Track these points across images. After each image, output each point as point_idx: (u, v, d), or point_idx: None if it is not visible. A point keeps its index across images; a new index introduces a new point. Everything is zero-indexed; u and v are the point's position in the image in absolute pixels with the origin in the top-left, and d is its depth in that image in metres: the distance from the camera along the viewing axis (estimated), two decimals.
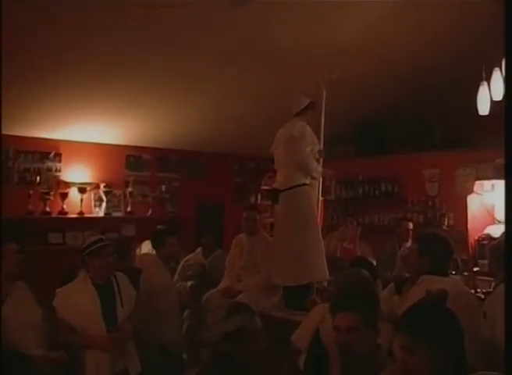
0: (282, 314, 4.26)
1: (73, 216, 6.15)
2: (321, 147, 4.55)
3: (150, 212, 6.84)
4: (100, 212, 6.45)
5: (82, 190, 6.18)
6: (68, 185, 6.19)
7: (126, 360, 3.40)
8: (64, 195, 6.07)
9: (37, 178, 5.98)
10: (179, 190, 7.29)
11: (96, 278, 3.41)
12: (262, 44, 4.98)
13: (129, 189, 6.67)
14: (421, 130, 6.85)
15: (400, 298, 3.22)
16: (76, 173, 6.28)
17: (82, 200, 6.20)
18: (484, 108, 4.61)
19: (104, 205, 6.46)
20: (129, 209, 6.67)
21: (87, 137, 6.26)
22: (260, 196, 7.51)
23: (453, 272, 4.44)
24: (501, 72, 4.27)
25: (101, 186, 6.45)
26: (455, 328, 1.80)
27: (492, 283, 3.38)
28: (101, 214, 6.45)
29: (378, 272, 5.21)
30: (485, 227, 5.91)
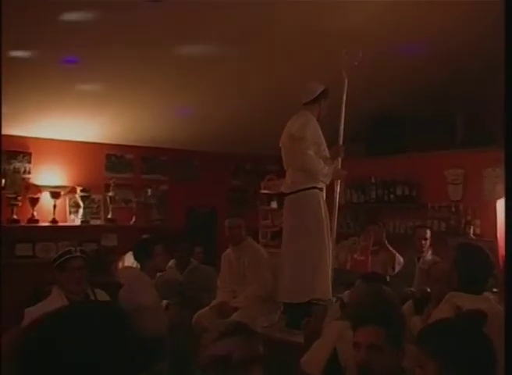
0: (282, 335, 4.28)
1: (45, 224, 6.13)
2: (340, 142, 4.52)
3: (133, 219, 6.88)
4: (76, 219, 6.48)
5: (55, 194, 6.18)
6: (39, 189, 6.16)
7: None
8: (34, 201, 6.03)
9: (3, 181, 5.93)
10: (167, 194, 7.34)
11: (71, 295, 3.41)
12: (264, 28, 4.92)
13: (110, 193, 6.69)
14: (443, 125, 6.79)
15: (421, 319, 3.16)
16: (48, 175, 6.28)
17: (55, 206, 6.17)
18: None
19: (81, 211, 6.47)
20: (109, 216, 6.71)
21: (61, 134, 6.24)
22: (259, 201, 7.45)
23: (495, 289, 4.38)
24: None
25: (78, 190, 6.45)
26: (489, 356, 1.75)
27: None
28: (78, 222, 6.46)
29: (393, 287, 5.24)
30: None
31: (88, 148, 6.59)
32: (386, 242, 5.63)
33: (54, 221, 6.16)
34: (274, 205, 6.78)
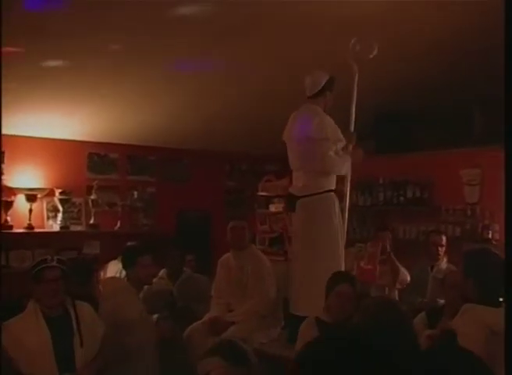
0: (285, 352, 4.23)
1: (20, 230, 6.13)
2: (351, 129, 4.63)
3: (118, 224, 6.90)
4: (54, 225, 6.48)
5: (31, 197, 6.18)
6: (13, 191, 6.17)
7: None
8: (8, 204, 6.02)
9: None
10: (155, 197, 7.37)
11: (47, 309, 3.38)
12: (263, 12, 4.90)
13: (93, 196, 6.71)
14: (459, 120, 6.79)
15: (433, 333, 3.17)
16: (23, 176, 6.29)
17: (31, 210, 6.17)
18: None
19: (60, 216, 6.48)
20: (92, 222, 6.72)
21: (38, 131, 6.23)
22: (256, 204, 7.45)
23: (501, 299, 4.36)
24: None
25: (57, 192, 6.45)
26: None
27: None
28: (57, 228, 6.46)
29: (404, 298, 5.24)
30: None
31: (68, 147, 6.60)
32: (392, 254, 5.61)
33: (30, 227, 6.15)
34: (272, 208, 6.78)
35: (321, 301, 3.94)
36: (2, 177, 6.10)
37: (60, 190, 6.43)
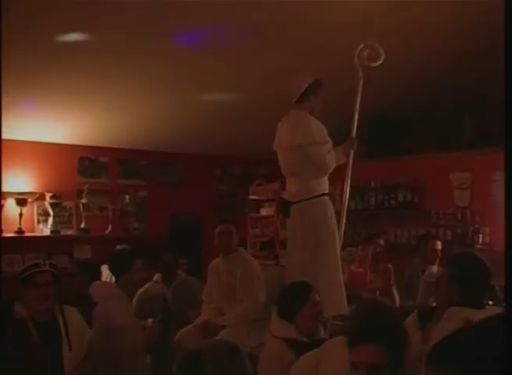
0: None
1: (10, 234, 6.14)
2: (353, 134, 4.54)
3: (109, 229, 6.89)
4: (45, 229, 6.48)
5: (21, 201, 6.18)
6: (3, 195, 6.10)
7: None
8: None
9: None
10: (146, 201, 7.35)
11: (35, 315, 3.35)
12: (256, 11, 4.87)
13: (83, 200, 6.69)
14: (449, 125, 6.79)
15: (424, 334, 3.15)
16: (13, 180, 6.26)
17: (21, 214, 6.19)
18: None
19: (50, 220, 6.47)
20: (82, 226, 6.71)
21: (28, 135, 6.19)
22: (247, 208, 7.45)
23: (491, 302, 4.36)
24: None
25: (47, 196, 6.45)
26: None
27: None
28: (47, 232, 6.45)
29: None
30: None
31: (59, 151, 6.59)
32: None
33: (20, 231, 6.14)
34: (263, 212, 6.79)
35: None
36: None
37: (51, 194, 6.42)
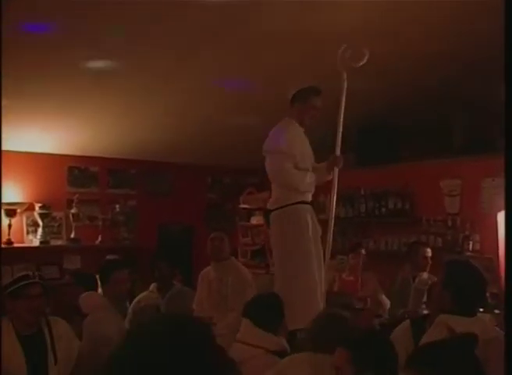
0: None
1: None
2: (337, 152, 4.43)
3: (99, 239, 6.85)
4: (34, 240, 6.43)
5: (10, 212, 6.14)
6: None
7: None
8: None
9: None
10: (136, 210, 7.32)
11: (21, 327, 3.32)
12: (243, 27, 4.89)
13: (73, 210, 6.64)
14: (439, 132, 6.79)
15: (415, 343, 3.14)
16: (2, 190, 6.10)
17: (10, 225, 6.14)
18: None
19: (40, 231, 6.42)
20: (72, 236, 6.67)
21: (17, 145, 6.15)
22: (238, 217, 7.42)
23: (481, 309, 4.35)
24: None
25: (36, 207, 6.40)
26: None
27: None
28: (36, 243, 6.40)
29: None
30: None
31: (48, 161, 6.55)
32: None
33: (9, 242, 6.09)
34: (254, 220, 6.76)
35: (297, 316, 3.93)
36: None
37: (40, 204, 6.38)
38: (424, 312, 4.36)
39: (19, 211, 6.21)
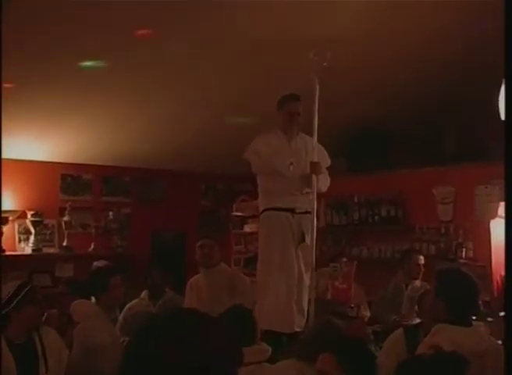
0: None
1: None
2: (314, 159, 4.41)
3: (92, 246, 6.81)
4: (26, 248, 6.40)
5: (2, 220, 6.02)
6: None
7: None
8: None
9: None
10: (130, 218, 7.30)
11: (13, 336, 3.30)
12: (230, 37, 4.91)
13: (66, 218, 6.61)
14: (432, 139, 6.80)
15: (409, 351, 3.13)
16: None
17: (2, 233, 6.07)
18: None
19: (32, 238, 6.39)
20: (65, 244, 6.63)
21: (9, 153, 6.08)
22: (232, 224, 7.40)
23: (474, 317, 4.33)
24: None
25: (29, 214, 6.38)
26: None
27: None
28: (29, 251, 6.36)
29: (380, 316, 5.16)
30: None
31: (40, 168, 6.53)
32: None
33: (0, 250, 6.00)
34: (247, 228, 6.75)
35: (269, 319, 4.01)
36: None
37: (32, 212, 6.35)
38: (417, 319, 4.34)
39: (11, 218, 6.18)
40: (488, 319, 4.99)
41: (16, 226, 6.34)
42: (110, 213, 7.06)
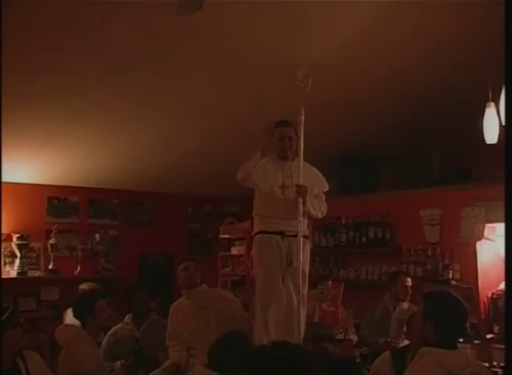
0: None
1: None
2: (299, 182, 4.42)
3: (78, 269, 6.77)
4: (12, 271, 6.34)
5: None
6: None
7: None
8: None
9: None
10: (117, 240, 7.27)
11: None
12: (217, 61, 4.93)
13: (52, 241, 6.58)
14: (418, 162, 6.83)
15: (396, 373, 3.12)
16: None
17: None
18: (491, 135, 4.57)
19: (17, 262, 6.35)
20: (51, 267, 6.59)
21: None
22: (219, 247, 7.39)
23: (461, 340, 4.33)
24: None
25: (14, 237, 6.34)
26: None
27: None
28: (14, 274, 6.31)
29: (367, 339, 5.16)
30: (500, 282, 5.82)
31: (26, 190, 6.50)
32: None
33: None
34: (234, 250, 6.73)
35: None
36: None
37: (18, 234, 6.32)
38: (405, 341, 4.33)
39: None
40: (475, 341, 5.00)
41: (1, 249, 6.28)
42: (97, 236, 7.03)
